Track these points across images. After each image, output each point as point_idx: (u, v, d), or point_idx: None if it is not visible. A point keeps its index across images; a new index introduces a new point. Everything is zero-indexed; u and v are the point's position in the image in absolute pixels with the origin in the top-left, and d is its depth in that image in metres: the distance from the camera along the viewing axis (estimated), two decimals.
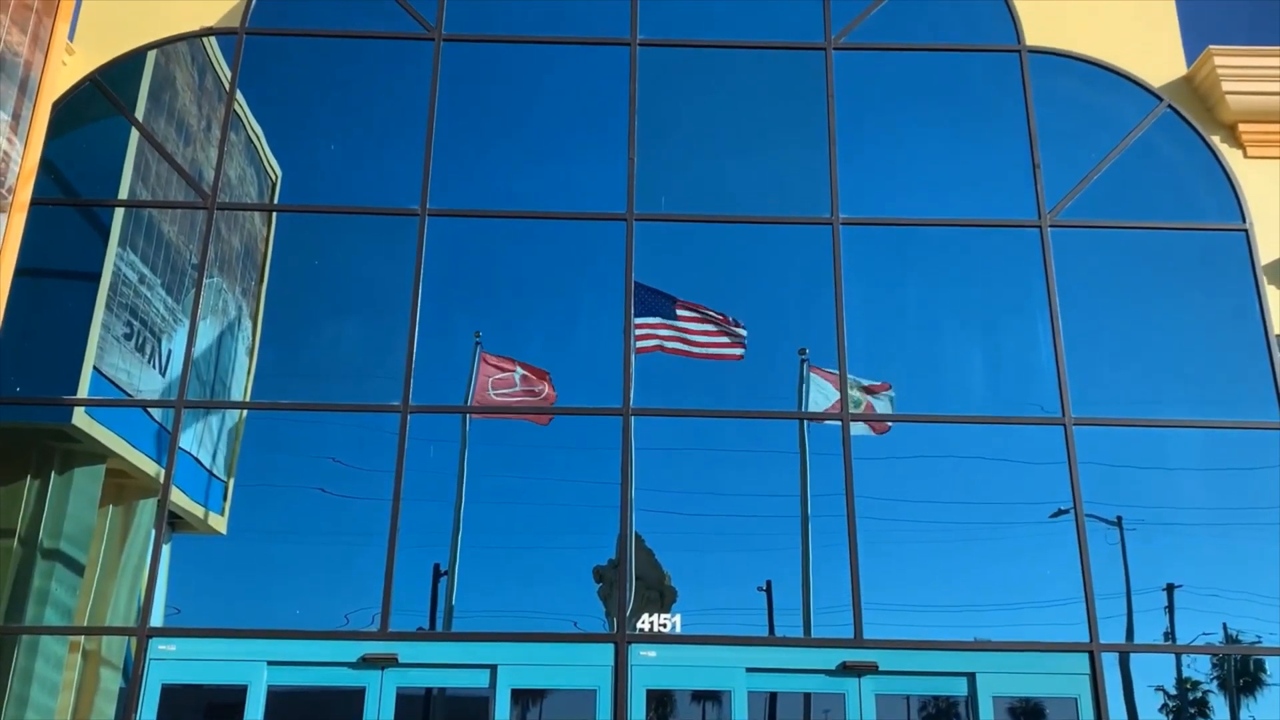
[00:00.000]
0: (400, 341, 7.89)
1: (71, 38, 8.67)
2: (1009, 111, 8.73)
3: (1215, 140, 8.71)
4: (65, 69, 8.43)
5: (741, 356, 8.08)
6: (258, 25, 8.85)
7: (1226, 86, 8.70)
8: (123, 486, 7.92)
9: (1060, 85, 8.83)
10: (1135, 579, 7.52)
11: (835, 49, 8.85)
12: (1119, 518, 7.64)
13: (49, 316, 8.01)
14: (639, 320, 8.03)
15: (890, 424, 7.92)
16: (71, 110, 8.50)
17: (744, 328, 8.09)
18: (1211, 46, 8.76)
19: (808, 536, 7.60)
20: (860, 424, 7.83)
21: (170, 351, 8.10)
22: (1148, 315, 8.27)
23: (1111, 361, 8.08)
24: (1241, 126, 8.76)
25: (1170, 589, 7.52)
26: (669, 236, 8.38)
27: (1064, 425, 7.78)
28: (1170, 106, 8.74)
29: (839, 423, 7.78)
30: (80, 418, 7.69)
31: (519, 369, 7.94)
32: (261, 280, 8.38)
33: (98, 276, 8.07)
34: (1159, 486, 7.79)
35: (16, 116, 5.83)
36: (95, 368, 7.82)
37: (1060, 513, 7.63)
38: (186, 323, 8.01)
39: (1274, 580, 7.48)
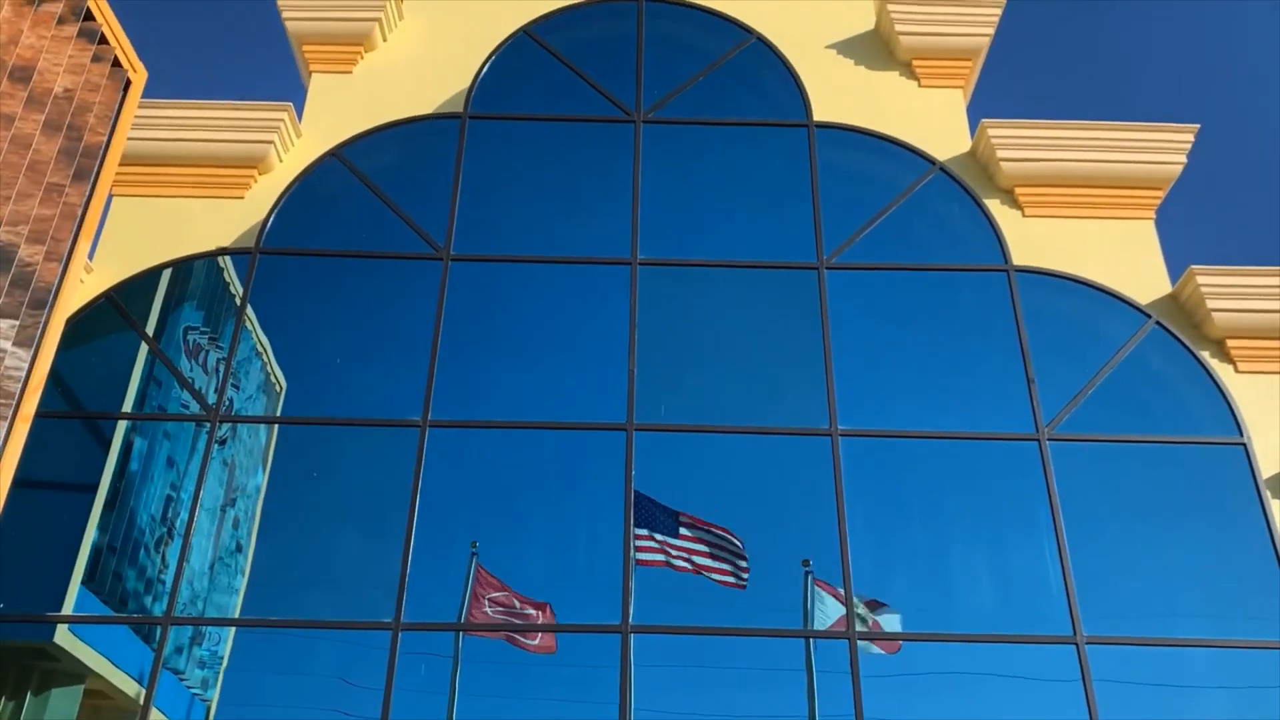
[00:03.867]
0: (395, 553, 7.74)
1: (91, 256, 8.93)
2: (1000, 326, 8.91)
3: (1205, 355, 8.84)
4: (82, 285, 8.66)
5: (743, 587, 7.91)
6: (272, 245, 9.14)
7: (1211, 304, 8.89)
8: (99, 708, 7.57)
9: (1048, 301, 9.04)
10: None
11: (828, 268, 9.13)
12: None
13: (40, 529, 7.88)
14: (639, 532, 7.92)
15: (900, 643, 7.68)
16: (83, 324, 8.66)
17: (746, 560, 7.95)
18: (1194, 266, 9.00)
19: None
20: (871, 642, 7.60)
21: (162, 567, 7.94)
22: (1153, 527, 8.15)
23: (1121, 574, 7.91)
24: (1230, 342, 8.89)
25: None
26: (669, 446, 8.38)
27: (1076, 644, 7.56)
28: (1158, 323, 8.92)
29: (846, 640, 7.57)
30: (63, 635, 7.44)
31: (515, 601, 7.74)
32: (260, 493, 8.32)
33: (94, 488, 8.01)
34: (1178, 706, 7.49)
35: (28, 330, 5.92)
36: (83, 584, 7.63)
37: None
38: (180, 537, 7.89)
39: None
